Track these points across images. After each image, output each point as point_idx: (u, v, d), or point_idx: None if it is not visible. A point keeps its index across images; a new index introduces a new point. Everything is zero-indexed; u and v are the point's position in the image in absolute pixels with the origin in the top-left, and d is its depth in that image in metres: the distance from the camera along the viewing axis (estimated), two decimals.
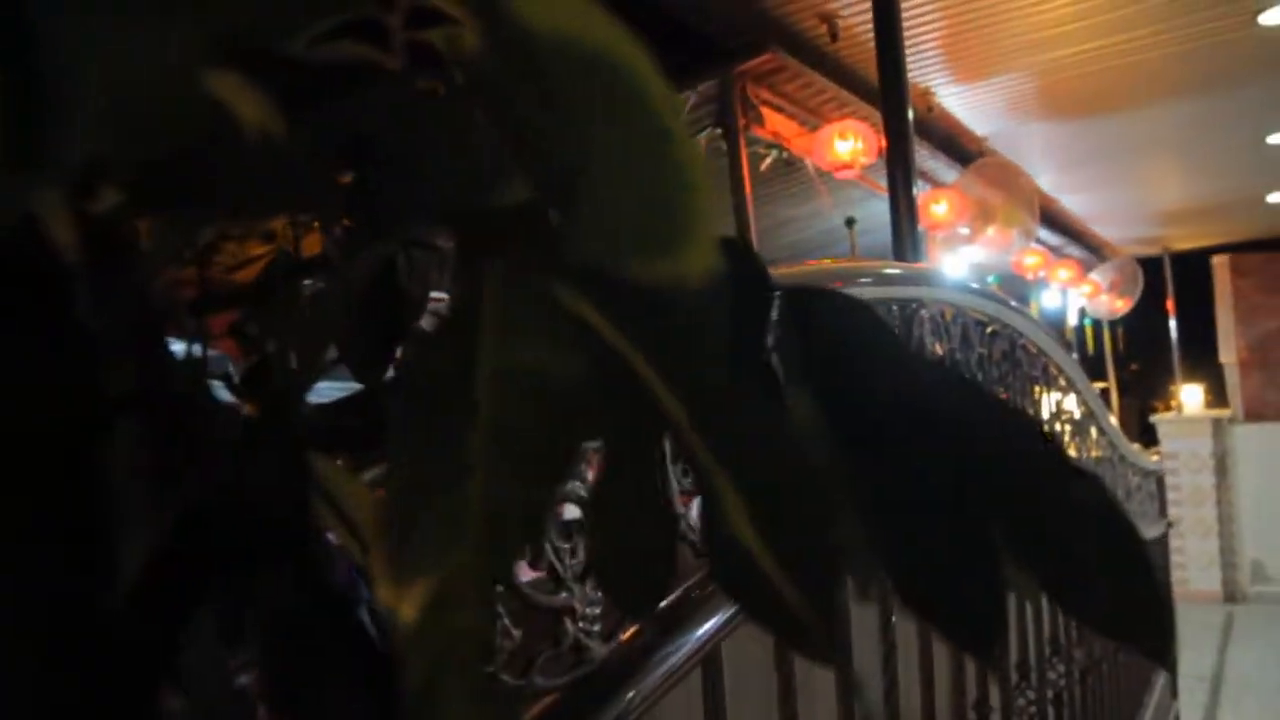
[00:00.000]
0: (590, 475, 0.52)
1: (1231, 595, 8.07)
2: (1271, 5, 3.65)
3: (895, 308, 1.26)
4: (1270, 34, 3.90)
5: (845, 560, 0.30)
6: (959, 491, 0.34)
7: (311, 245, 0.44)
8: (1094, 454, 2.59)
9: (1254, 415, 8.37)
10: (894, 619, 1.23)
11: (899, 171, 2.21)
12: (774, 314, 0.35)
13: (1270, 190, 6.91)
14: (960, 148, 4.66)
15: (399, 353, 0.38)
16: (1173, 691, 4.04)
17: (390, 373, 0.38)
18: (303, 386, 0.33)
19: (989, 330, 1.58)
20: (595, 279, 0.22)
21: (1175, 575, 8.38)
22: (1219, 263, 8.65)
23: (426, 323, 0.38)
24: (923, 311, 1.32)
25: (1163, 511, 3.82)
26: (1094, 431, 2.55)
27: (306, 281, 0.40)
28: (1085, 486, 0.38)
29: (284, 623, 0.23)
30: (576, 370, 0.23)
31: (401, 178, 0.30)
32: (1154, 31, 3.83)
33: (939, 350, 1.39)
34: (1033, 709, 1.81)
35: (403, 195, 0.30)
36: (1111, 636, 0.38)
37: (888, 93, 2.42)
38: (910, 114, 2.36)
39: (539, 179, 0.23)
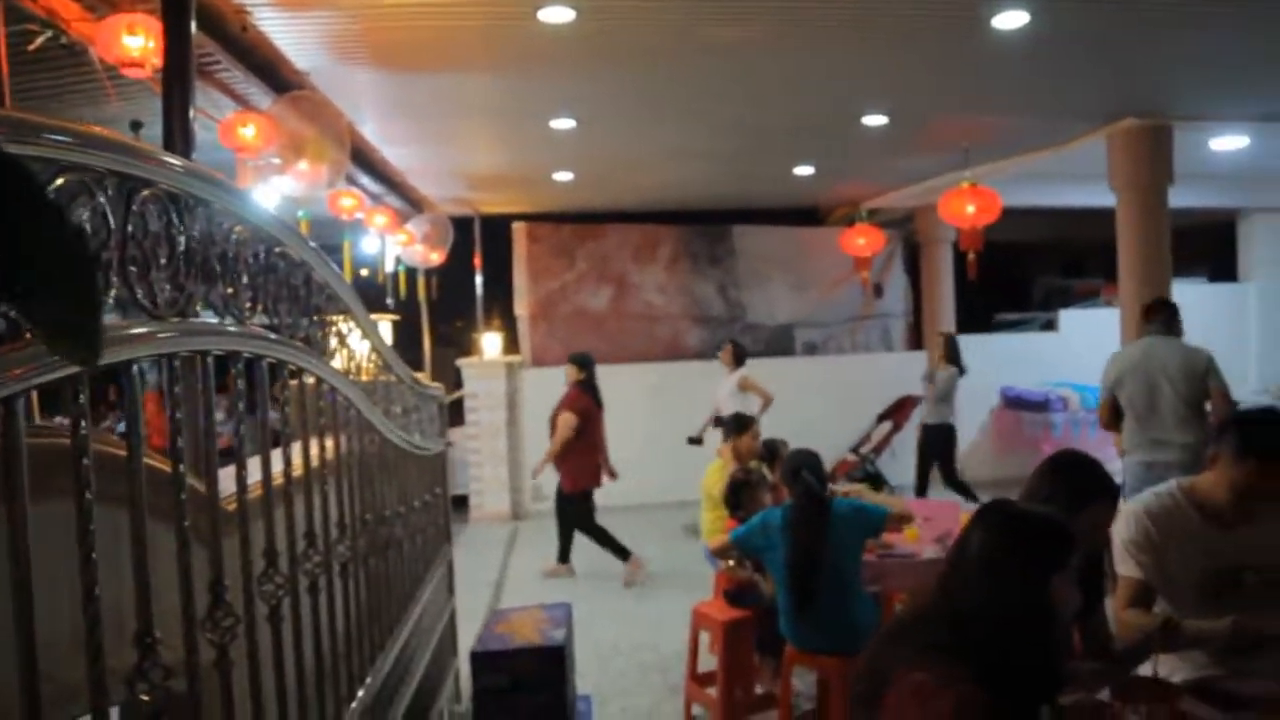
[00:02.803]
0: None
1: (517, 514, 9.38)
2: (549, 5, 4.20)
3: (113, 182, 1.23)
4: (548, 29, 4.46)
5: None
6: None
7: None
8: (370, 375, 2.80)
9: (539, 361, 9.81)
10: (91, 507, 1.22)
11: (177, 78, 2.12)
12: None
13: (555, 169, 8.06)
14: (280, 77, 4.61)
15: None
16: (449, 589, 4.56)
17: None
18: None
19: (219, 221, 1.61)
20: None
21: (474, 501, 9.47)
22: (518, 228, 9.92)
23: None
24: (146, 191, 1.30)
25: (442, 432, 4.27)
26: (370, 351, 2.76)
27: None
28: (46, 208, 0.43)
29: None
30: None
31: None
32: (458, 3, 4.18)
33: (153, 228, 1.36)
34: (281, 592, 1.92)
35: None
36: (51, 342, 0.44)
37: None
38: (194, 21, 2.28)
39: None
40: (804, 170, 8.52)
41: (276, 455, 1.98)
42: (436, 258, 8.22)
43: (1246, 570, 2.50)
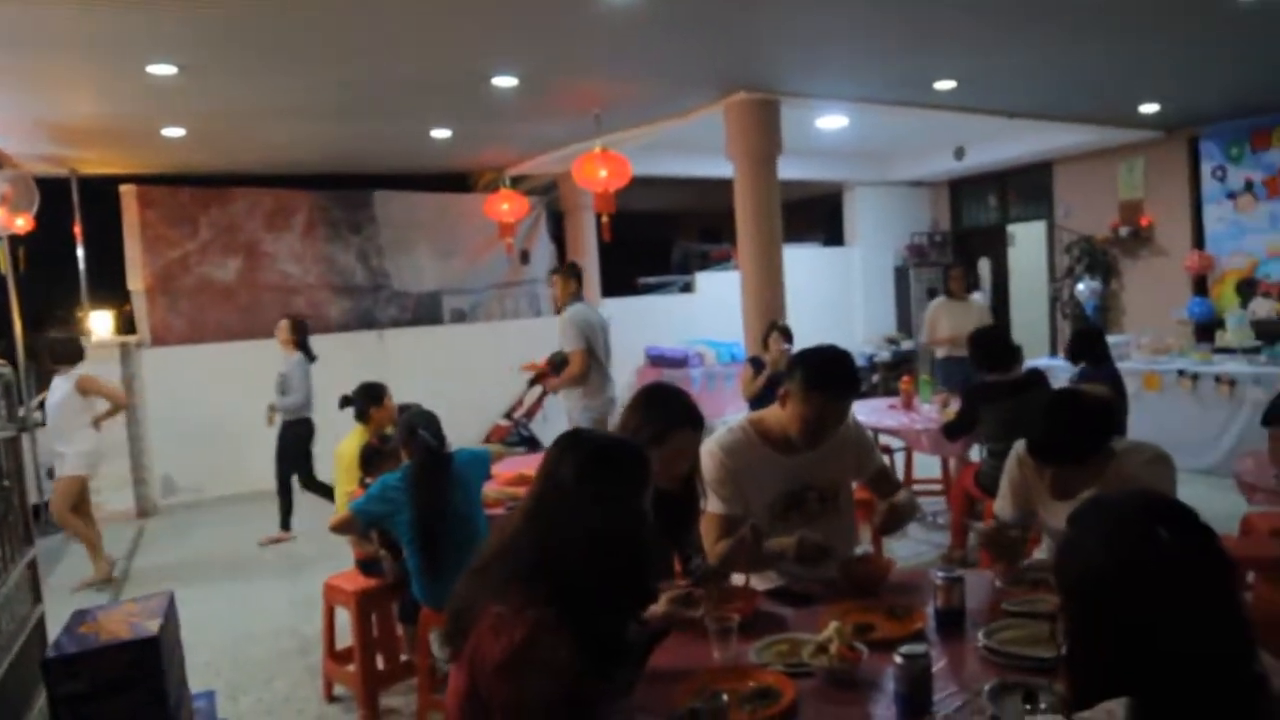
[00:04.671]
0: None
1: (144, 510, 8.45)
2: None
3: None
4: None
5: None
6: None
7: None
8: None
9: (160, 340, 8.90)
10: None
11: None
12: None
13: (163, 124, 7.24)
14: None
15: None
16: (34, 596, 3.97)
17: None
18: None
19: None
20: None
21: (95, 499, 8.39)
22: (127, 192, 8.88)
23: None
24: None
25: (12, 417, 3.69)
26: None
27: None
28: None
29: None
30: None
31: None
32: None
33: None
34: None
35: None
36: None
37: None
38: None
39: None
40: (441, 133, 8.36)
41: None
42: (22, 224, 7.11)
43: (809, 490, 2.80)
